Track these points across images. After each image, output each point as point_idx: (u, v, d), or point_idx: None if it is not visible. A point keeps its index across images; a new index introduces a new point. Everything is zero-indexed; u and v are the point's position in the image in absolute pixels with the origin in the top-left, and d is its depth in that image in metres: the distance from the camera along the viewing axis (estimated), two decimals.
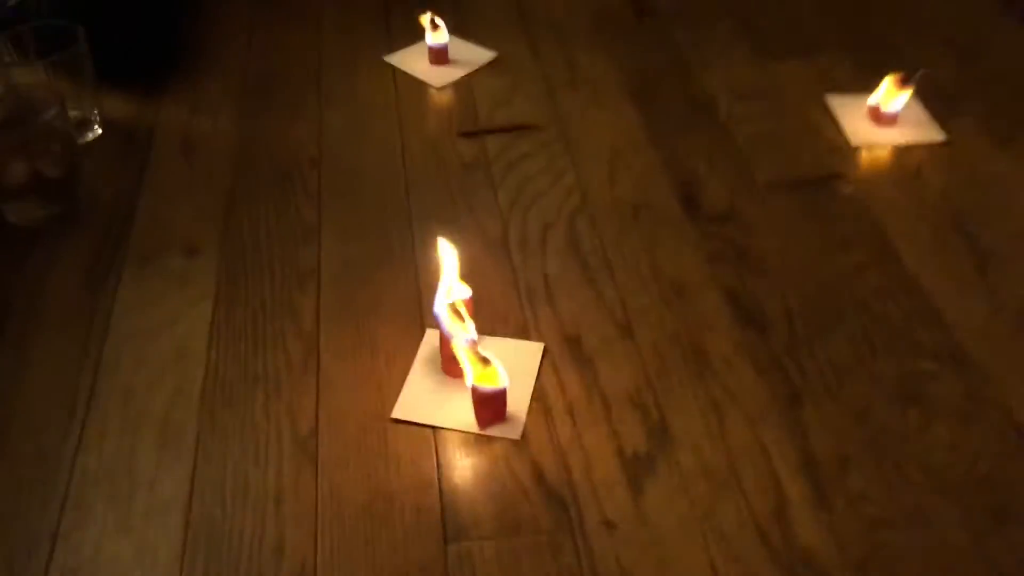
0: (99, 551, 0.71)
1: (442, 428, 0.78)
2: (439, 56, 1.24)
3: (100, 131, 1.12)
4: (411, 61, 1.25)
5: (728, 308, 0.89)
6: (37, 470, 0.76)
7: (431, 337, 0.85)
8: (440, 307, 0.79)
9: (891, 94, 1.10)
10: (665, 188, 1.04)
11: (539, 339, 0.86)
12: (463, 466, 0.76)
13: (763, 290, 0.91)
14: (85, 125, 1.10)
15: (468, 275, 0.87)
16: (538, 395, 0.81)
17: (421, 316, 0.88)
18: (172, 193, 1.04)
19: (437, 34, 1.23)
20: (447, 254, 0.82)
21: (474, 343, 0.77)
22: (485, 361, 0.76)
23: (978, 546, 0.69)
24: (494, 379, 0.77)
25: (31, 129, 0.99)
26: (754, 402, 0.80)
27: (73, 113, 1.07)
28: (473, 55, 1.26)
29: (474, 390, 0.77)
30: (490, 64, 1.25)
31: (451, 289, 0.82)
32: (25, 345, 0.87)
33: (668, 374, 0.83)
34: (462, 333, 0.78)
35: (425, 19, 1.23)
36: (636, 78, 1.22)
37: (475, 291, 0.87)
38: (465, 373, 0.77)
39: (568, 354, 0.85)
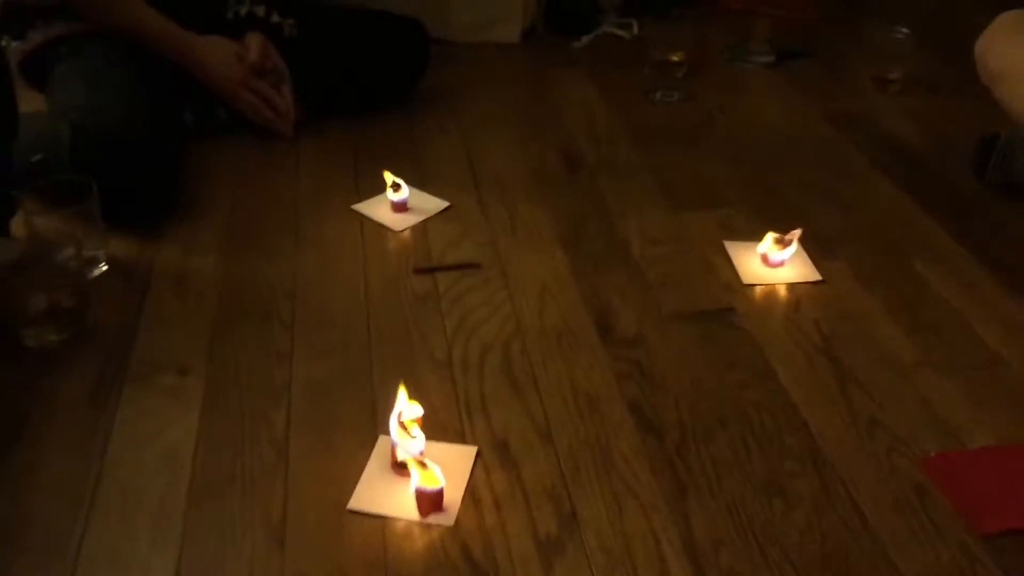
0: None
1: (389, 517, 0.94)
2: (399, 207, 1.45)
3: (106, 267, 1.30)
4: (375, 208, 1.47)
5: (631, 417, 1.07)
6: (49, 554, 0.91)
7: (383, 442, 1.02)
8: (393, 424, 0.97)
9: (774, 247, 1.31)
10: (584, 317, 1.23)
11: (474, 443, 1.03)
12: (406, 547, 0.91)
13: (661, 403, 1.09)
14: (93, 263, 1.29)
15: (417, 390, 1.06)
16: (470, 489, 0.98)
17: (375, 425, 1.05)
18: (166, 322, 1.22)
19: (398, 192, 1.44)
20: (400, 392, 1.00)
21: (420, 453, 0.95)
22: (425, 466, 0.93)
23: None
24: (433, 480, 0.94)
25: (50, 267, 1.18)
26: (648, 494, 0.98)
27: (84, 253, 1.25)
28: (429, 204, 1.48)
29: (417, 490, 0.94)
30: (443, 212, 1.47)
31: (402, 412, 0.99)
32: (38, 449, 1.02)
33: (579, 471, 1.00)
34: (409, 444, 0.96)
35: (388, 178, 1.45)
36: (565, 224, 1.44)
37: (422, 403, 1.05)
38: (411, 476, 0.94)
39: (497, 456, 1.02)
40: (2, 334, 1.17)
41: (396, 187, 1.44)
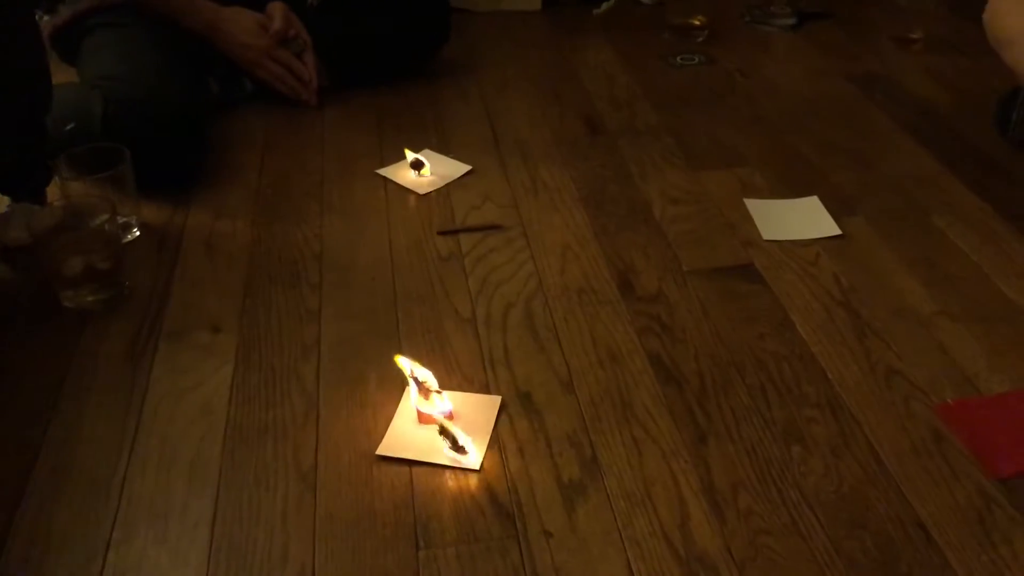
0: (143, 559, 0.89)
1: (416, 462, 0.97)
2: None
3: (138, 233, 1.34)
4: (399, 173, 1.49)
5: (651, 369, 1.09)
6: (93, 498, 0.95)
7: (409, 394, 1.05)
8: (413, 393, 1.02)
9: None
10: (606, 275, 1.26)
11: (498, 394, 1.06)
12: (433, 490, 0.95)
13: (681, 355, 1.11)
14: (126, 228, 1.33)
15: (442, 345, 1.09)
16: (495, 437, 1.01)
17: (402, 378, 1.08)
18: (198, 283, 1.26)
19: (420, 170, 1.46)
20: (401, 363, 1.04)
21: (448, 414, 1.00)
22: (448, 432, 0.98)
23: (837, 549, 0.88)
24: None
25: (86, 231, 1.21)
26: (668, 441, 1.00)
27: (118, 219, 1.29)
28: (452, 168, 1.50)
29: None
30: (466, 175, 1.49)
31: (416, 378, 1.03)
32: (80, 403, 1.06)
33: (600, 420, 1.03)
34: (436, 406, 1.01)
35: (409, 155, 1.47)
36: (587, 186, 1.46)
37: (448, 359, 1.09)
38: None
39: (520, 405, 1.05)
40: (42, 296, 1.21)
41: (418, 164, 1.46)
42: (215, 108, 1.65)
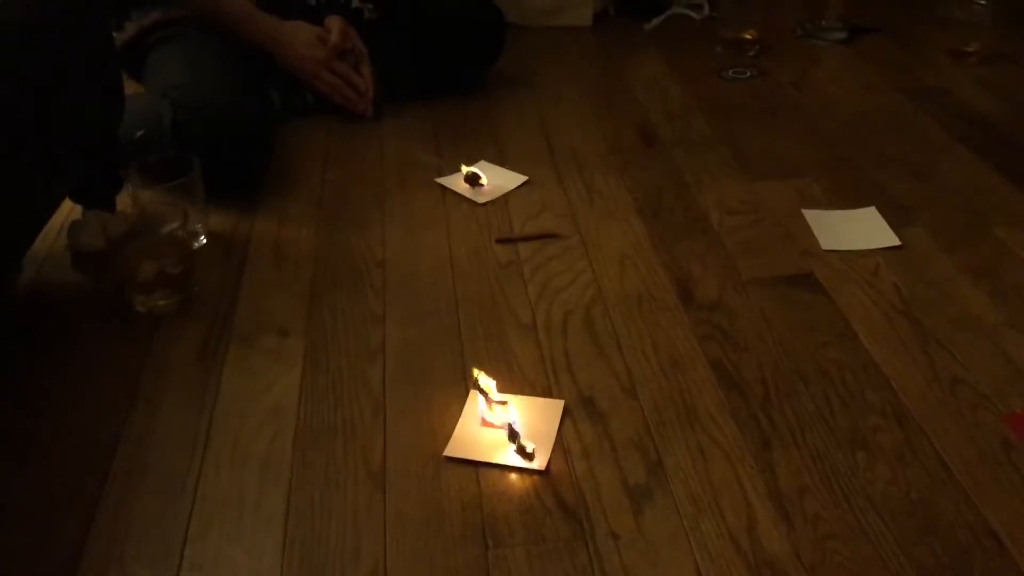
0: (218, 554, 0.91)
1: (483, 463, 0.99)
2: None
3: (205, 240, 1.37)
4: (457, 182, 1.51)
5: (714, 376, 1.10)
6: (168, 496, 0.97)
7: (473, 397, 1.07)
8: (481, 405, 1.04)
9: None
10: (665, 283, 1.26)
11: (561, 399, 1.07)
12: (499, 492, 0.96)
13: (743, 363, 1.12)
14: (195, 235, 1.36)
15: (504, 350, 1.11)
16: (559, 441, 1.02)
17: (465, 381, 1.10)
18: (265, 287, 1.28)
19: (477, 183, 1.48)
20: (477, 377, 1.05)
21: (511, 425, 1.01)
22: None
23: (906, 555, 0.88)
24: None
25: (158, 238, 1.25)
26: (733, 447, 1.00)
27: (188, 225, 1.32)
28: (509, 178, 1.52)
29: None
30: (522, 186, 1.51)
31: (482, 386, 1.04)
32: (154, 404, 1.09)
33: (664, 425, 1.03)
34: (499, 415, 1.03)
35: (464, 170, 1.49)
36: (643, 196, 1.47)
37: (510, 363, 1.11)
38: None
39: (584, 410, 1.06)
40: (116, 301, 1.24)
41: (474, 178, 1.48)
42: (277, 119, 1.69)
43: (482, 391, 1.03)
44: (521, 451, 0.99)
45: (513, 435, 0.99)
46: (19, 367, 1.15)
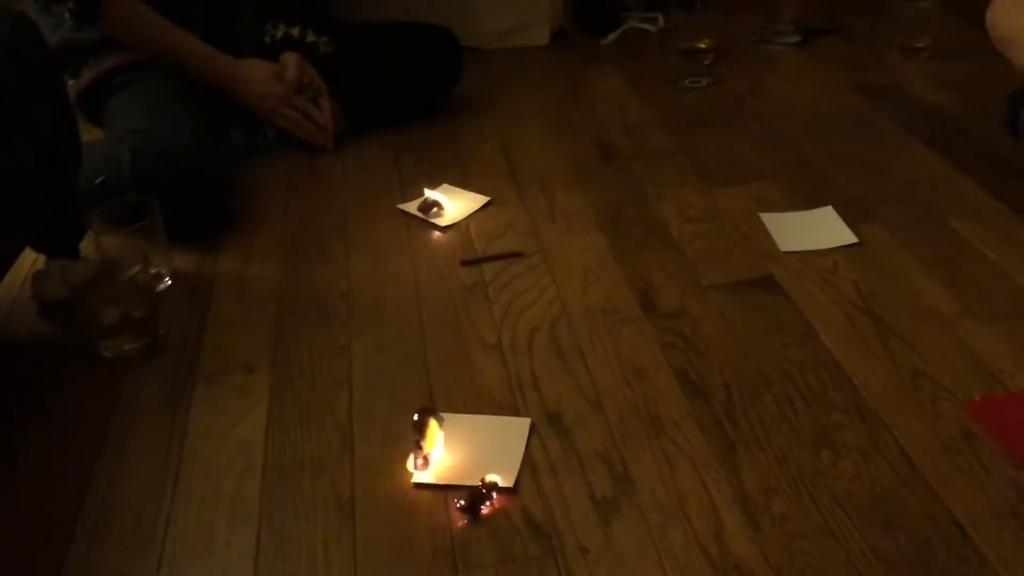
0: None
1: (451, 486, 0.99)
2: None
3: (170, 281, 1.38)
4: (417, 208, 1.52)
5: (678, 384, 1.11)
6: (139, 538, 0.97)
7: (443, 420, 1.07)
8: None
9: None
10: (627, 295, 1.27)
11: (527, 416, 1.07)
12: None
13: (706, 369, 1.13)
14: (159, 277, 1.36)
15: (470, 372, 1.12)
16: (527, 458, 1.02)
17: (433, 404, 1.10)
18: (231, 326, 1.29)
19: (438, 211, 1.49)
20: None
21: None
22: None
23: (872, 549, 0.89)
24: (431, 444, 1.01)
25: (121, 283, 1.25)
26: (698, 453, 1.01)
27: (150, 268, 1.32)
28: (471, 200, 1.53)
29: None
30: (485, 207, 1.52)
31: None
32: (123, 447, 1.09)
33: (630, 436, 1.04)
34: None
35: (423, 198, 1.50)
36: (604, 210, 1.48)
37: (476, 385, 1.12)
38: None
39: (551, 427, 1.06)
40: (81, 347, 1.24)
41: (432, 204, 1.49)
42: (239, 157, 1.69)
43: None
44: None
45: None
46: None
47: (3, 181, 1.14)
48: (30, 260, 1.43)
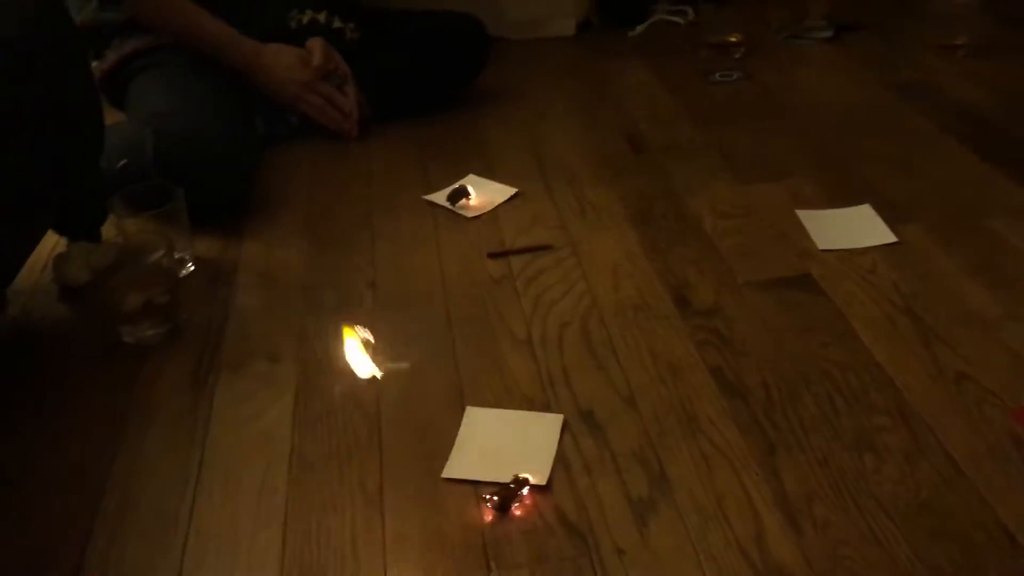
0: None
1: (482, 482, 0.96)
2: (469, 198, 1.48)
3: (193, 267, 1.35)
4: (445, 198, 1.49)
5: (714, 382, 1.08)
6: (161, 530, 0.95)
7: (471, 414, 1.05)
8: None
9: None
10: (660, 291, 1.25)
11: (559, 412, 1.05)
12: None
13: (743, 367, 1.10)
14: (182, 262, 1.34)
15: (499, 366, 1.09)
16: (560, 456, 0.99)
17: (461, 399, 1.08)
18: (255, 314, 1.26)
19: (466, 199, 1.47)
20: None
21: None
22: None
23: (919, 557, 0.86)
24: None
25: (143, 268, 1.23)
26: (737, 454, 0.98)
27: (174, 253, 1.30)
28: (497, 192, 1.50)
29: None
30: (512, 198, 1.49)
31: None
32: (144, 436, 1.07)
33: (665, 435, 1.01)
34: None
35: (451, 188, 1.48)
36: (634, 204, 1.45)
37: (506, 379, 1.09)
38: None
39: (583, 424, 1.03)
40: (104, 334, 1.22)
41: (460, 193, 1.46)
42: (261, 143, 1.67)
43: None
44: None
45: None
46: (4, 405, 1.12)
47: (29, 162, 1.12)
48: (51, 243, 1.41)
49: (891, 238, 1.31)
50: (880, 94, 1.79)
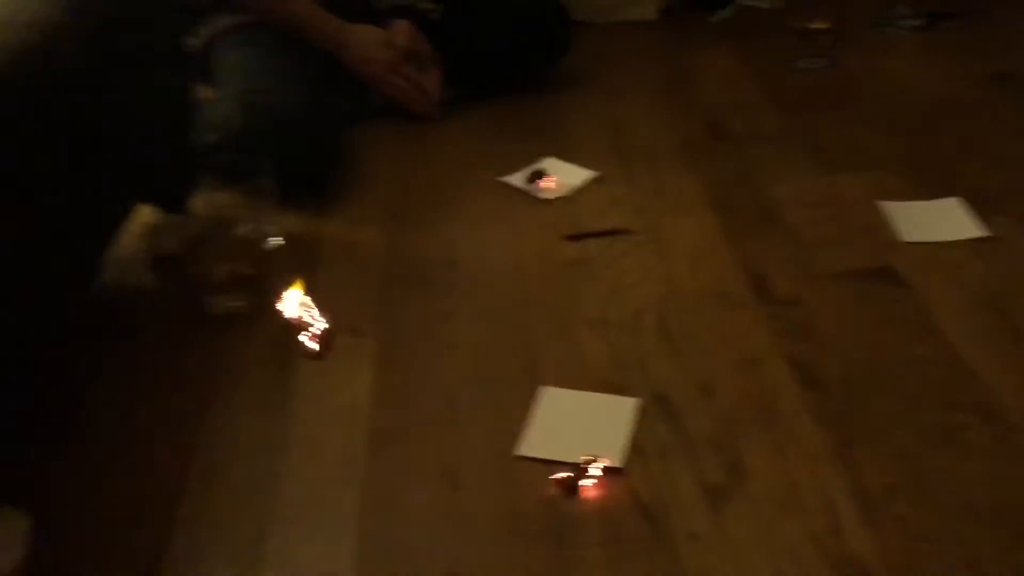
0: (297, 553, 0.91)
1: (555, 461, 0.97)
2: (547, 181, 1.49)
3: (279, 240, 1.39)
4: (524, 180, 1.50)
5: (793, 373, 1.07)
6: (246, 497, 0.98)
7: (545, 394, 1.06)
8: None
9: None
10: (739, 279, 1.24)
11: (634, 397, 1.05)
12: (574, 491, 0.94)
13: (823, 359, 1.08)
14: (268, 236, 1.37)
15: (576, 348, 1.09)
16: (635, 440, 1.00)
17: (536, 378, 1.08)
18: (337, 287, 1.29)
19: (545, 180, 1.47)
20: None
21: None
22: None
23: (1003, 559, 0.84)
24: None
25: (231, 240, 1.26)
26: (815, 446, 0.97)
27: (260, 227, 1.34)
28: (576, 174, 1.51)
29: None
30: (591, 181, 1.49)
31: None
32: (230, 406, 1.10)
33: (741, 424, 1.01)
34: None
35: (531, 168, 1.48)
36: (714, 190, 1.44)
37: (581, 361, 1.09)
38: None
39: (658, 408, 1.04)
40: (190, 303, 1.26)
41: (539, 175, 1.47)
42: (345, 122, 1.70)
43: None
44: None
45: None
46: (96, 371, 1.17)
47: (120, 132, 1.16)
48: (144, 215, 1.46)
49: (980, 232, 1.27)
50: (972, 85, 1.73)
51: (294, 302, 1.19)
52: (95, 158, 1.11)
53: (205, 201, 1.40)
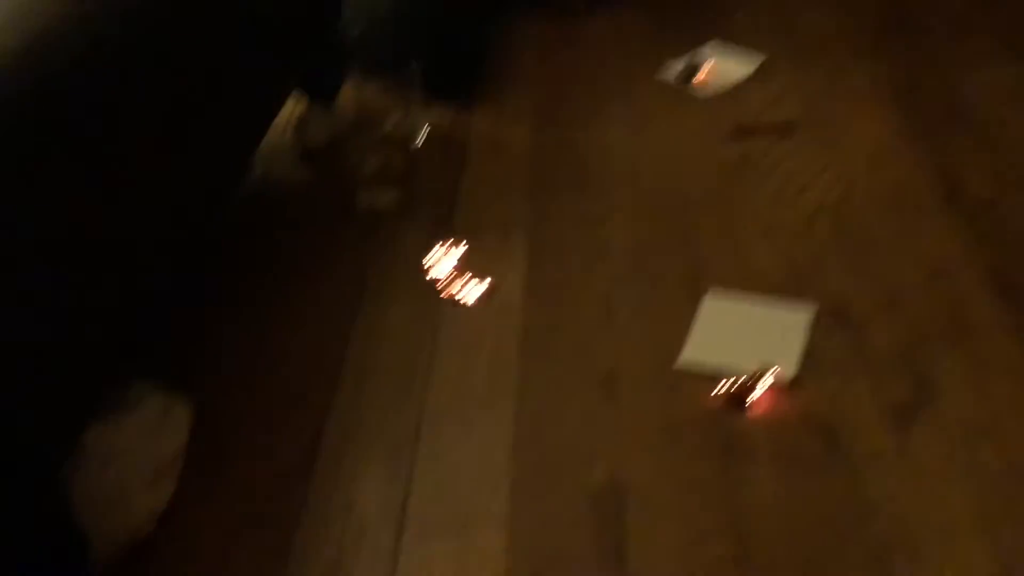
0: (451, 447, 0.90)
1: (718, 376, 0.91)
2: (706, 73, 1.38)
3: (426, 136, 1.35)
4: (680, 76, 1.40)
5: (988, 284, 0.96)
6: (400, 390, 0.97)
7: (710, 301, 0.99)
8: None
9: None
10: (924, 181, 1.12)
11: (808, 305, 0.97)
12: (741, 403, 0.88)
13: (1022, 270, 0.97)
14: (415, 131, 1.33)
15: (743, 252, 1.02)
16: (809, 350, 0.92)
17: (698, 282, 1.02)
18: (485, 185, 1.25)
19: (702, 73, 1.37)
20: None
21: None
22: None
23: None
24: None
25: (380, 133, 1.23)
26: (1015, 365, 0.87)
27: (407, 122, 1.30)
28: (737, 66, 1.39)
29: None
30: (755, 72, 1.37)
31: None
32: (382, 301, 1.09)
33: (929, 339, 0.92)
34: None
35: (686, 60, 1.38)
36: (895, 83, 1.30)
37: (750, 266, 1.02)
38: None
39: (834, 319, 0.95)
40: (338, 196, 1.24)
41: (694, 71, 1.36)
42: (495, 17, 1.62)
43: None
44: None
45: None
46: (249, 266, 1.17)
47: (275, 19, 1.13)
48: (290, 110, 1.44)
49: None
50: None
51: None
52: (255, 38, 1.08)
53: (353, 95, 1.37)
